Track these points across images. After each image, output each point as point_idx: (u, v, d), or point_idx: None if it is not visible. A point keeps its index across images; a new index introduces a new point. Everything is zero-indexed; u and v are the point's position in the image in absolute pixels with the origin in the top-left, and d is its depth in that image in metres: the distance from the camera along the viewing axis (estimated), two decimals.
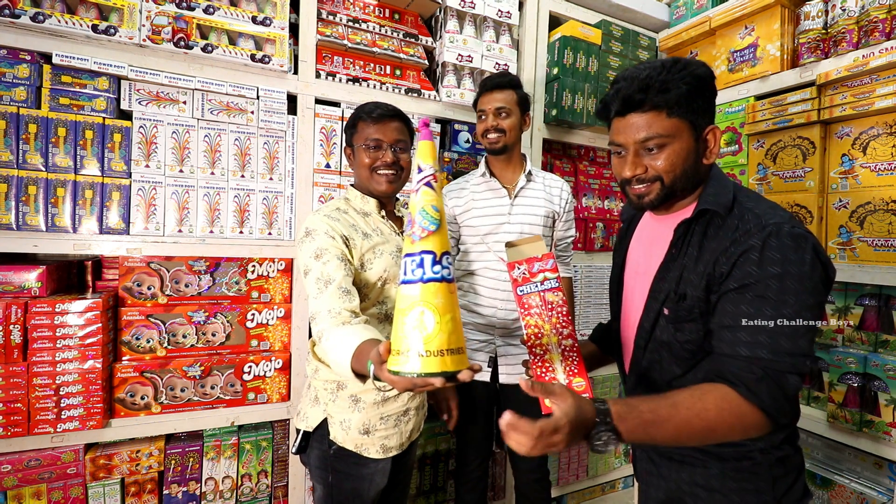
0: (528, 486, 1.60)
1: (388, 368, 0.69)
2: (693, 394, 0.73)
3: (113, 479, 1.36)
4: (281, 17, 1.47)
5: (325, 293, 1.01)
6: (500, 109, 1.49)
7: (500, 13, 1.80)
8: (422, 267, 0.67)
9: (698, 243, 0.83)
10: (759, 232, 0.76)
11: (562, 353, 0.88)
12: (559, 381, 0.83)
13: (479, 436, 1.62)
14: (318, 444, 1.16)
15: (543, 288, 0.91)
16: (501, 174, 1.58)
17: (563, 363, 0.88)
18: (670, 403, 0.72)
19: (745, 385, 0.72)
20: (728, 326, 0.76)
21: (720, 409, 0.71)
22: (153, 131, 1.38)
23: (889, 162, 1.37)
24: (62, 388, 1.26)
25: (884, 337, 1.39)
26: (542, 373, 0.89)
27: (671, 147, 0.80)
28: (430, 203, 0.70)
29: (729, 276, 0.77)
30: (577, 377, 0.87)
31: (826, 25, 1.55)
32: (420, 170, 0.72)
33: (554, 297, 0.90)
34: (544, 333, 0.89)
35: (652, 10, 2.12)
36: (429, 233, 0.69)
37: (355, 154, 1.22)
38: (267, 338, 1.54)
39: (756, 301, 0.74)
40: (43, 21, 1.22)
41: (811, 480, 1.48)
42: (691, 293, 0.82)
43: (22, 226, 1.25)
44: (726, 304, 0.77)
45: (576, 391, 0.74)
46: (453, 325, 0.67)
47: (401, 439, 1.18)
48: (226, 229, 1.47)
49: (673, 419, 0.71)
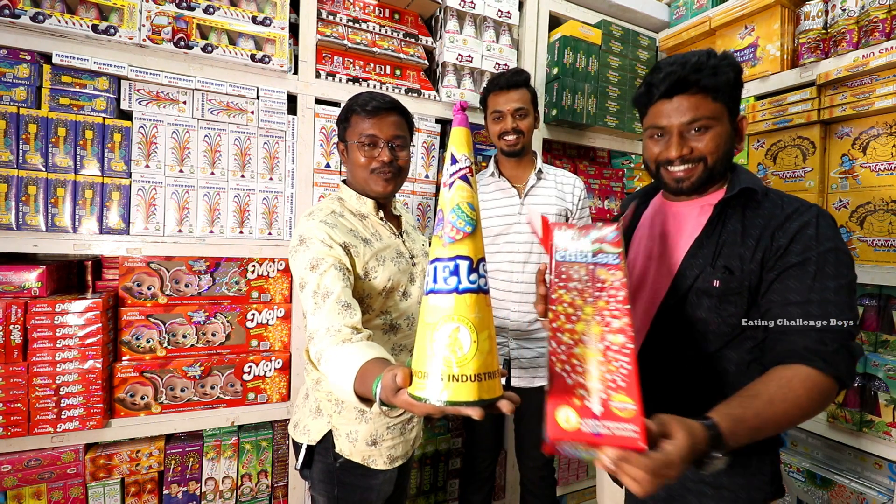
0: (533, 484, 1.61)
1: (411, 393, 0.59)
2: (780, 384, 0.72)
3: (113, 479, 1.36)
4: (281, 17, 1.47)
5: (322, 308, 0.91)
6: (518, 110, 1.46)
7: (500, 13, 1.80)
8: (456, 275, 0.58)
9: (740, 220, 0.85)
10: (808, 210, 0.81)
11: (603, 353, 0.62)
12: (591, 389, 0.61)
13: (488, 437, 1.61)
14: (322, 458, 1.10)
15: (596, 261, 0.68)
16: (512, 173, 1.57)
17: (604, 367, 0.61)
18: (766, 401, 0.70)
19: (823, 359, 0.73)
20: (796, 302, 0.77)
21: (809, 391, 0.71)
22: (153, 131, 1.38)
23: (889, 162, 1.37)
24: (62, 388, 1.26)
25: (884, 337, 1.39)
26: (564, 372, 0.63)
27: (714, 130, 0.84)
28: (465, 200, 0.60)
29: (788, 249, 0.79)
30: (621, 393, 0.59)
31: (826, 25, 1.55)
32: (454, 160, 0.62)
33: (609, 276, 0.67)
34: (581, 317, 0.65)
35: (652, 10, 2.12)
36: (465, 235, 0.59)
37: (349, 151, 1.11)
38: (267, 338, 1.54)
39: (819, 275, 0.77)
40: (43, 21, 1.22)
41: (811, 480, 1.48)
42: (740, 267, 0.82)
43: (22, 226, 1.25)
44: (789, 281, 0.79)
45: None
46: (490, 343, 0.58)
47: (406, 447, 1.16)
48: (226, 229, 1.47)
49: (775, 417, 0.69)
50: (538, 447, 1.54)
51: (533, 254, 1.52)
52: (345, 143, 1.14)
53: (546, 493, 1.60)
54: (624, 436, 0.58)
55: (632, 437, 0.57)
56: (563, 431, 0.60)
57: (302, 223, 1.05)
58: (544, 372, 1.54)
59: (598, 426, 0.59)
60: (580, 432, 0.59)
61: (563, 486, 2.11)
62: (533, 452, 1.58)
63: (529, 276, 1.52)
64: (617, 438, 0.58)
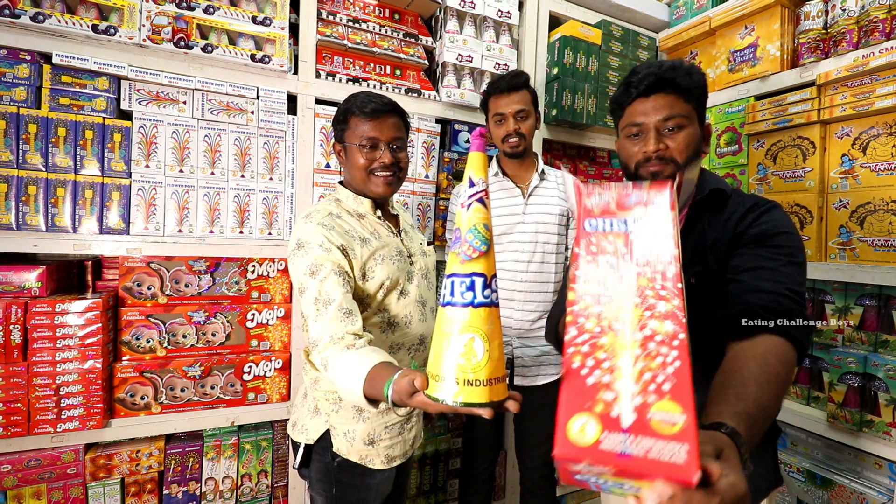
0: (534, 483, 1.60)
1: (427, 394, 0.66)
2: (758, 363, 0.69)
3: (113, 479, 1.36)
4: (281, 17, 1.47)
5: (325, 316, 0.94)
6: (519, 112, 1.47)
7: (500, 13, 1.80)
8: (472, 290, 0.64)
9: (709, 219, 0.92)
10: (766, 203, 0.89)
11: (642, 344, 0.48)
12: (621, 391, 0.47)
13: (488, 438, 1.61)
14: (320, 457, 1.11)
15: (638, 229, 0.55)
16: (515, 174, 1.58)
17: (642, 362, 0.47)
18: (757, 387, 0.65)
19: (784, 318, 0.73)
20: (747, 269, 0.81)
21: (785, 364, 0.70)
22: (153, 131, 1.38)
23: (889, 162, 1.37)
24: (62, 388, 1.26)
25: (884, 337, 1.39)
26: (586, 368, 0.49)
27: (687, 130, 0.88)
28: (481, 221, 0.66)
29: (745, 233, 0.86)
30: (665, 399, 0.45)
31: (826, 25, 1.55)
32: (472, 184, 0.68)
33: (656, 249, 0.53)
34: (613, 299, 0.51)
35: (652, 10, 2.12)
36: (480, 253, 0.65)
37: (347, 153, 1.11)
38: (267, 338, 1.54)
39: (772, 250, 0.82)
40: (43, 21, 1.22)
41: (811, 480, 1.48)
42: (714, 260, 0.87)
43: (22, 226, 1.25)
44: (743, 255, 0.84)
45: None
46: (499, 351, 0.64)
47: (404, 447, 1.16)
48: (226, 229, 1.47)
49: (770, 402, 0.66)
50: (539, 446, 1.56)
51: (536, 253, 1.52)
52: (343, 145, 1.13)
53: (546, 493, 1.60)
54: (667, 461, 0.42)
55: (679, 466, 0.41)
56: (574, 448, 0.45)
57: (299, 226, 1.05)
58: (546, 370, 1.55)
59: (627, 443, 0.44)
60: (598, 450, 0.44)
61: (563, 486, 2.11)
62: (533, 452, 1.58)
63: (533, 275, 1.52)
64: (654, 465, 0.42)
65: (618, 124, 0.97)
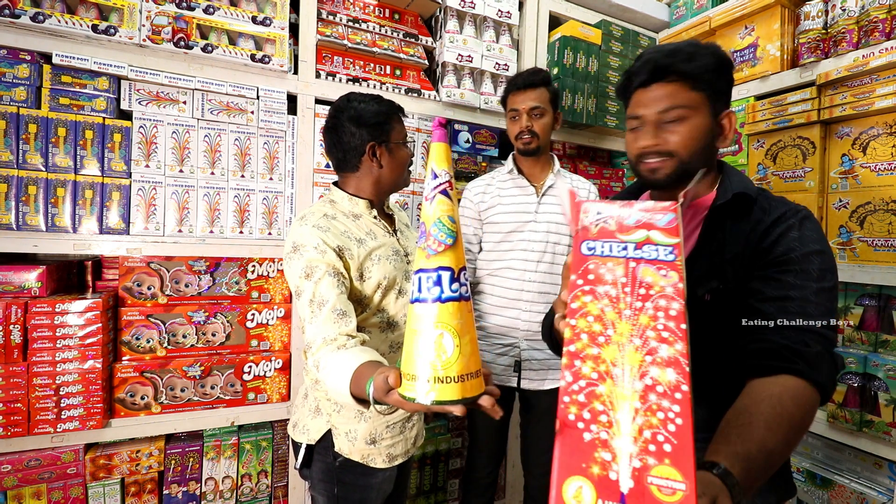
0: (539, 491, 1.57)
1: (401, 394, 0.64)
2: (772, 403, 0.64)
3: (113, 479, 1.36)
4: (281, 17, 1.47)
5: (319, 317, 0.94)
6: (534, 109, 1.46)
7: (500, 13, 1.80)
8: (439, 285, 0.62)
9: (730, 229, 0.82)
10: (794, 214, 0.79)
11: (642, 395, 0.45)
12: (619, 451, 0.44)
13: (491, 443, 1.59)
14: (322, 457, 1.11)
15: (640, 256, 0.49)
16: (530, 172, 1.56)
17: (641, 418, 0.44)
18: (765, 428, 0.61)
19: (806, 362, 0.67)
20: (772, 298, 0.73)
21: (800, 406, 0.65)
22: (153, 131, 1.38)
23: (889, 162, 1.37)
24: (62, 388, 1.26)
25: (884, 337, 1.39)
26: (582, 421, 0.46)
27: (690, 121, 0.80)
28: (446, 214, 0.64)
29: (771, 252, 0.77)
30: (664, 463, 0.42)
31: (826, 25, 1.55)
32: (435, 175, 0.65)
33: (658, 279, 0.48)
34: (612, 339, 0.47)
35: (652, 10, 2.12)
36: (446, 247, 0.63)
37: (392, 152, 1.12)
38: (267, 338, 1.54)
39: (801, 275, 0.73)
40: (43, 21, 1.22)
41: (811, 480, 1.48)
42: (732, 276, 0.79)
43: (22, 226, 1.25)
44: (768, 280, 0.75)
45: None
46: (472, 346, 0.62)
47: (406, 446, 1.16)
48: (226, 229, 1.47)
49: (777, 446, 0.61)
50: (545, 452, 1.52)
51: (547, 253, 1.50)
52: (386, 146, 1.13)
53: None
54: None
55: None
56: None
57: (294, 229, 1.06)
58: (554, 374, 1.51)
59: None
60: None
61: None
62: (541, 458, 1.54)
63: (542, 275, 1.49)
64: None
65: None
